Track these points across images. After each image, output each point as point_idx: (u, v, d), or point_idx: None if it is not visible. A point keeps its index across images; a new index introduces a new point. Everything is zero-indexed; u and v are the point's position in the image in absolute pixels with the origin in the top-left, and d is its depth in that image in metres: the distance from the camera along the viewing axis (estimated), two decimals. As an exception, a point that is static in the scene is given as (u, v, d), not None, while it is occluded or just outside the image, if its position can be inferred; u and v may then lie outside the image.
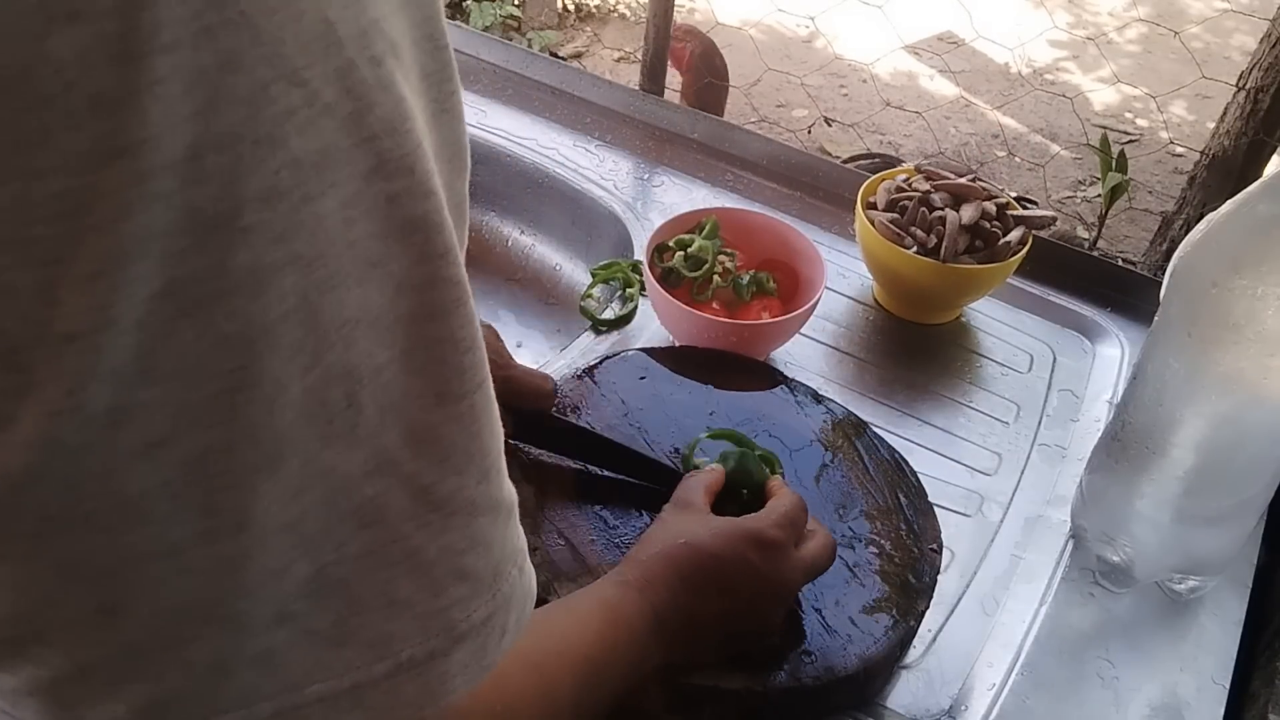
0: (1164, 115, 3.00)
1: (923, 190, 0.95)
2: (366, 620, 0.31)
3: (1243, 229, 0.63)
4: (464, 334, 0.31)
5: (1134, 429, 0.71)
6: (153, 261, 0.24)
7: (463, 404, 0.32)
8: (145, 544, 0.27)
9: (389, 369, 0.29)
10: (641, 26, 2.08)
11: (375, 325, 0.29)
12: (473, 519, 0.33)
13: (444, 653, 0.33)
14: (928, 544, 0.72)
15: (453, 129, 0.32)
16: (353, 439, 0.29)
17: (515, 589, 0.36)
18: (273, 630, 0.29)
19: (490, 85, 1.22)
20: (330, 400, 0.28)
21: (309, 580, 0.29)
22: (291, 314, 0.27)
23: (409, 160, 0.28)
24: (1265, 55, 1.80)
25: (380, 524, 0.30)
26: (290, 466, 0.28)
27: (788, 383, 0.83)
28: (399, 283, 0.29)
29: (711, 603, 0.59)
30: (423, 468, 0.31)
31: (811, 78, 2.91)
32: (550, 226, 1.13)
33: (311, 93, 0.26)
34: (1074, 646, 0.73)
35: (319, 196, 0.26)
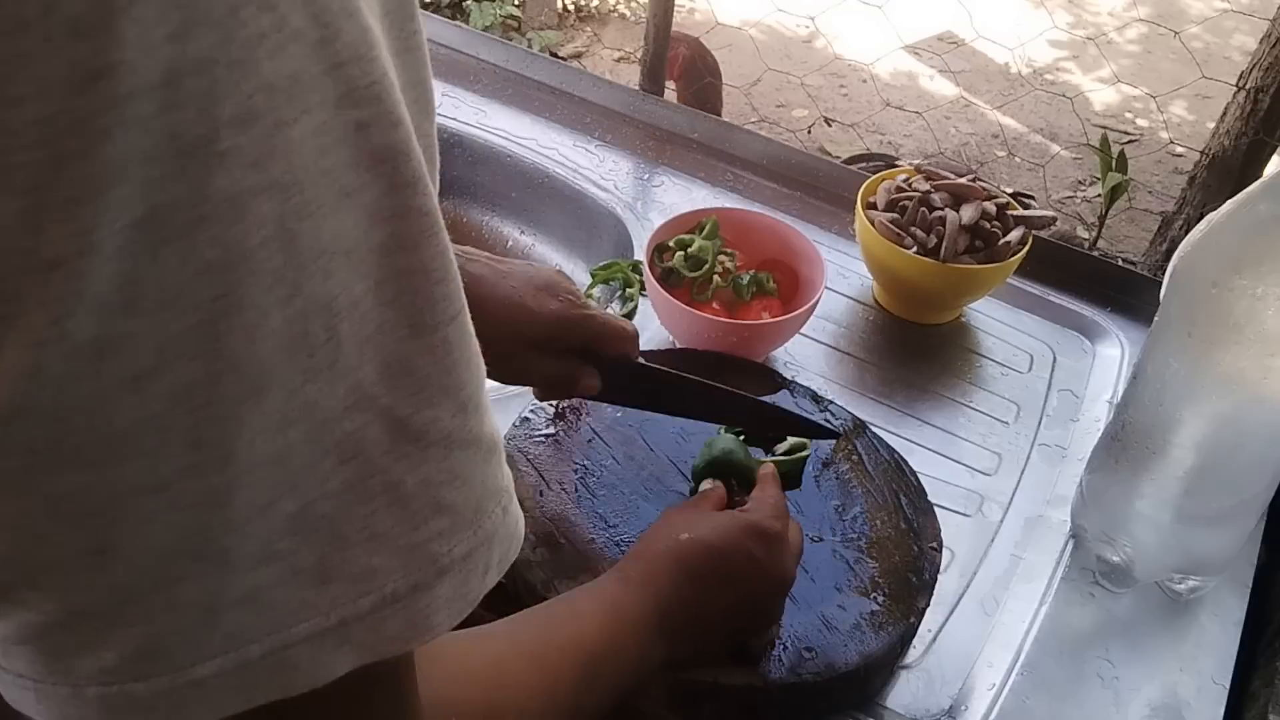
0: (1164, 115, 3.00)
1: (923, 190, 0.95)
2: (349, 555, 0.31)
3: (1243, 229, 0.63)
4: (436, 265, 0.31)
5: (1134, 429, 0.71)
6: (133, 187, 0.24)
7: (436, 335, 0.32)
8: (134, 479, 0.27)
9: (365, 301, 0.29)
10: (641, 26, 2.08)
11: (351, 256, 0.29)
12: (449, 451, 0.33)
13: (427, 586, 0.33)
14: (928, 542, 0.72)
15: (417, 69, 0.33)
16: (333, 373, 0.29)
17: (499, 527, 0.36)
18: (259, 568, 0.29)
19: (490, 85, 1.22)
20: (311, 332, 0.28)
21: (293, 517, 0.29)
22: (270, 240, 0.27)
23: (376, 89, 0.28)
24: (1265, 55, 1.80)
25: (360, 458, 0.30)
26: (274, 399, 0.28)
27: (787, 384, 0.83)
28: (371, 213, 0.29)
29: (715, 596, 0.59)
30: (398, 400, 0.31)
31: (811, 78, 2.91)
32: (550, 226, 1.13)
33: (280, 17, 0.26)
34: (1074, 646, 0.73)
35: (292, 122, 0.26)
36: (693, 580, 0.59)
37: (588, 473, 0.74)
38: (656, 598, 0.58)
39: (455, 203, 1.16)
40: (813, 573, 0.69)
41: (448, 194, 1.16)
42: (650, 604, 0.57)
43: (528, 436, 0.76)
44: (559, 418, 0.77)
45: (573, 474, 0.73)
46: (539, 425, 0.77)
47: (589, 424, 0.77)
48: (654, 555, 0.60)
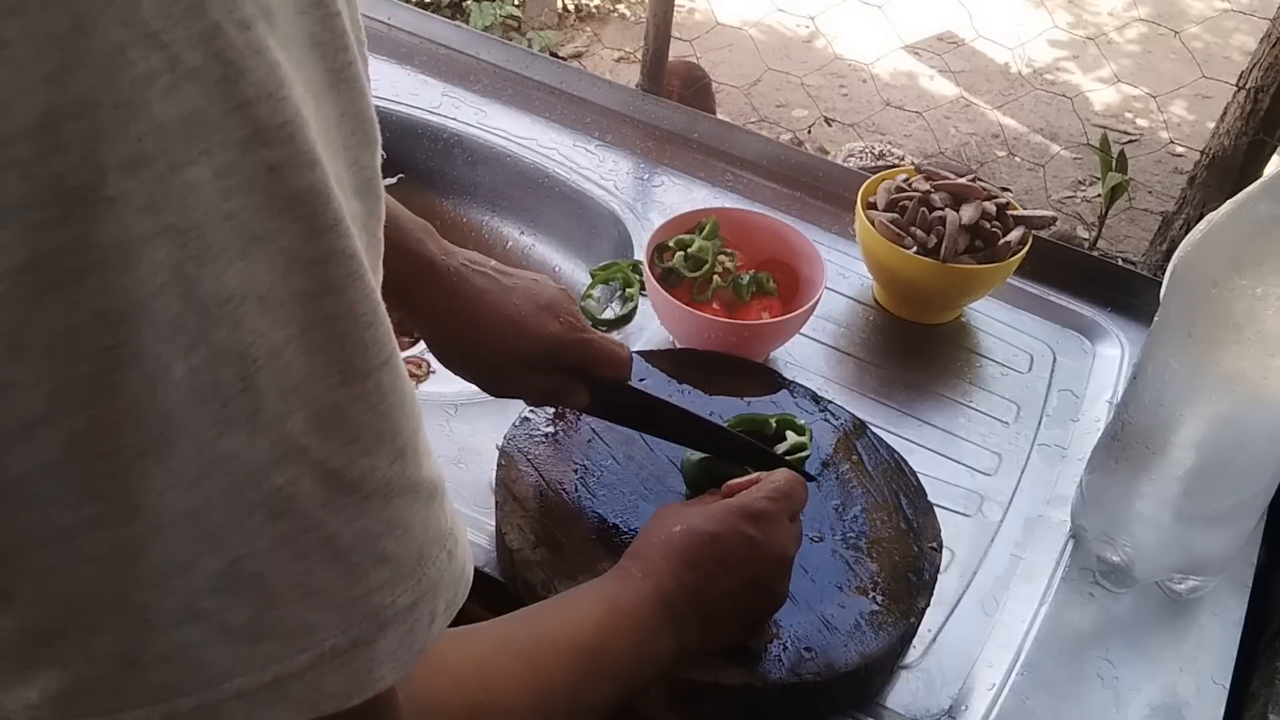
0: (1164, 115, 3.00)
1: (923, 190, 0.95)
2: (285, 613, 0.30)
3: (1243, 229, 0.63)
4: (363, 309, 0.30)
5: (1134, 429, 0.71)
6: (12, 234, 0.24)
7: (368, 382, 0.31)
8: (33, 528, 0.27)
9: (287, 349, 0.28)
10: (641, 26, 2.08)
11: (266, 302, 0.28)
12: (389, 501, 0.32)
13: (368, 641, 0.32)
14: (928, 542, 0.72)
15: (354, 100, 0.31)
16: (253, 425, 0.28)
17: (444, 573, 0.35)
18: (184, 626, 0.29)
19: (490, 85, 1.22)
20: (221, 382, 0.27)
21: (220, 574, 0.29)
22: (167, 288, 0.26)
23: (289, 129, 0.27)
24: (1265, 55, 1.80)
25: (292, 513, 0.30)
26: (184, 452, 0.27)
27: (788, 385, 0.83)
28: (289, 258, 0.28)
29: (717, 581, 0.59)
30: (332, 450, 0.30)
31: (811, 78, 2.91)
32: (550, 226, 1.13)
33: (172, 56, 0.25)
34: (1074, 646, 0.73)
35: (188, 164, 0.25)
36: (693, 568, 0.59)
37: (588, 473, 0.74)
38: (658, 589, 0.57)
39: (455, 203, 1.16)
40: (813, 573, 0.69)
41: (448, 194, 1.16)
42: (653, 596, 0.57)
43: (528, 436, 0.76)
44: (559, 418, 0.77)
45: (573, 474, 0.73)
46: (539, 425, 0.77)
47: (589, 424, 0.77)
48: (651, 550, 0.60)
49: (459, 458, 0.80)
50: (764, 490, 0.64)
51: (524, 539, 0.69)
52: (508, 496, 0.71)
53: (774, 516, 0.62)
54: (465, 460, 0.80)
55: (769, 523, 0.62)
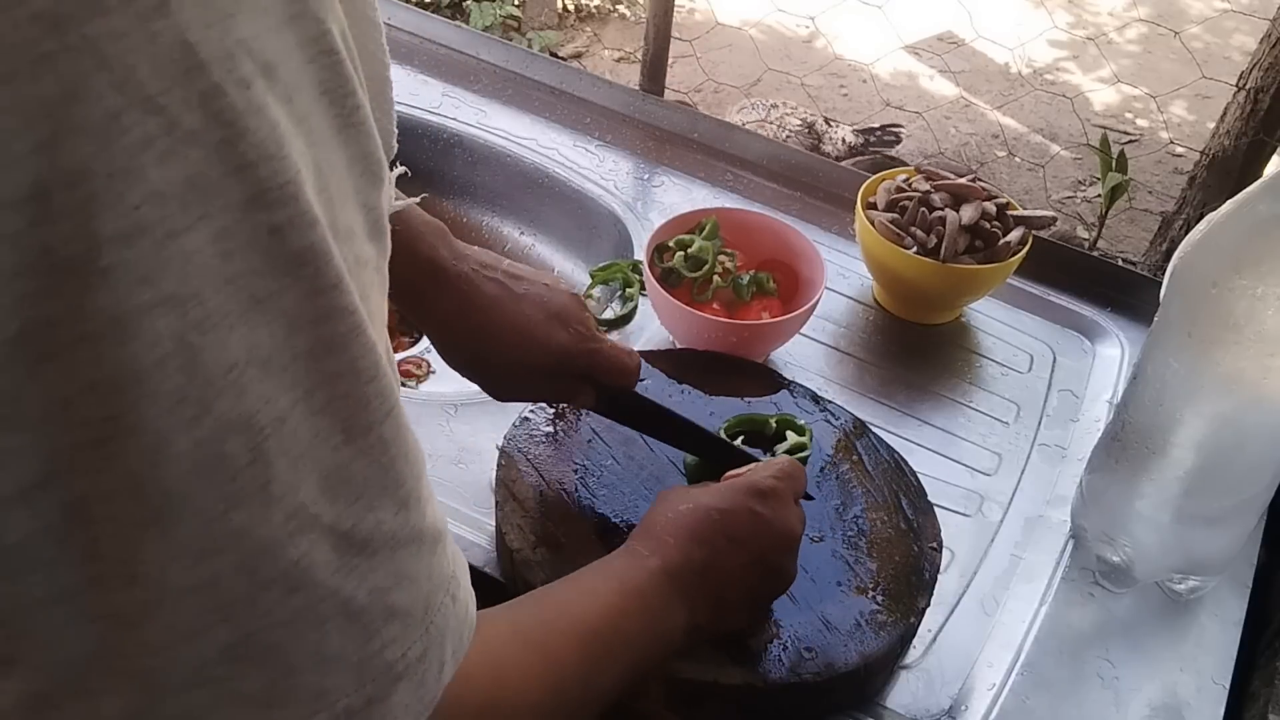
0: (1164, 115, 3.00)
1: (923, 190, 0.95)
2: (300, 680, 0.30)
3: (1243, 229, 0.63)
4: (365, 364, 0.30)
5: (1134, 429, 0.71)
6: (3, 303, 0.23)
7: (371, 436, 0.30)
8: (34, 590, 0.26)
9: (293, 414, 0.28)
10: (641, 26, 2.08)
11: (269, 367, 0.27)
12: (395, 553, 0.32)
13: (382, 697, 0.32)
14: (928, 542, 0.72)
15: (361, 143, 0.31)
16: (266, 497, 0.28)
17: (449, 619, 0.35)
18: (192, 691, 0.28)
19: (490, 85, 1.22)
20: (229, 455, 0.27)
21: (232, 646, 0.28)
22: (168, 359, 0.25)
23: (290, 189, 0.27)
24: (1265, 55, 1.80)
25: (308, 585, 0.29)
26: (190, 527, 0.27)
27: (788, 385, 0.83)
28: (291, 319, 0.27)
29: (725, 556, 0.59)
30: (341, 513, 0.30)
31: (811, 78, 2.91)
32: (550, 226, 1.12)
33: (170, 120, 0.24)
34: (1074, 646, 0.73)
35: (187, 231, 0.25)
36: (700, 544, 0.58)
37: (588, 473, 0.74)
38: (665, 564, 0.57)
39: (455, 203, 1.16)
40: (813, 573, 0.69)
41: (448, 194, 1.16)
42: (660, 573, 0.56)
43: (528, 436, 0.76)
44: (559, 418, 0.77)
45: (573, 474, 0.73)
46: (539, 425, 0.77)
47: (589, 424, 0.77)
48: (658, 528, 0.60)
49: (459, 458, 0.80)
50: (770, 470, 0.64)
51: (524, 539, 0.69)
52: (508, 496, 0.71)
53: (780, 494, 0.62)
54: (465, 460, 0.80)
55: (776, 500, 0.62)
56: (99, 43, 0.23)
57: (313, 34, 0.28)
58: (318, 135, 0.29)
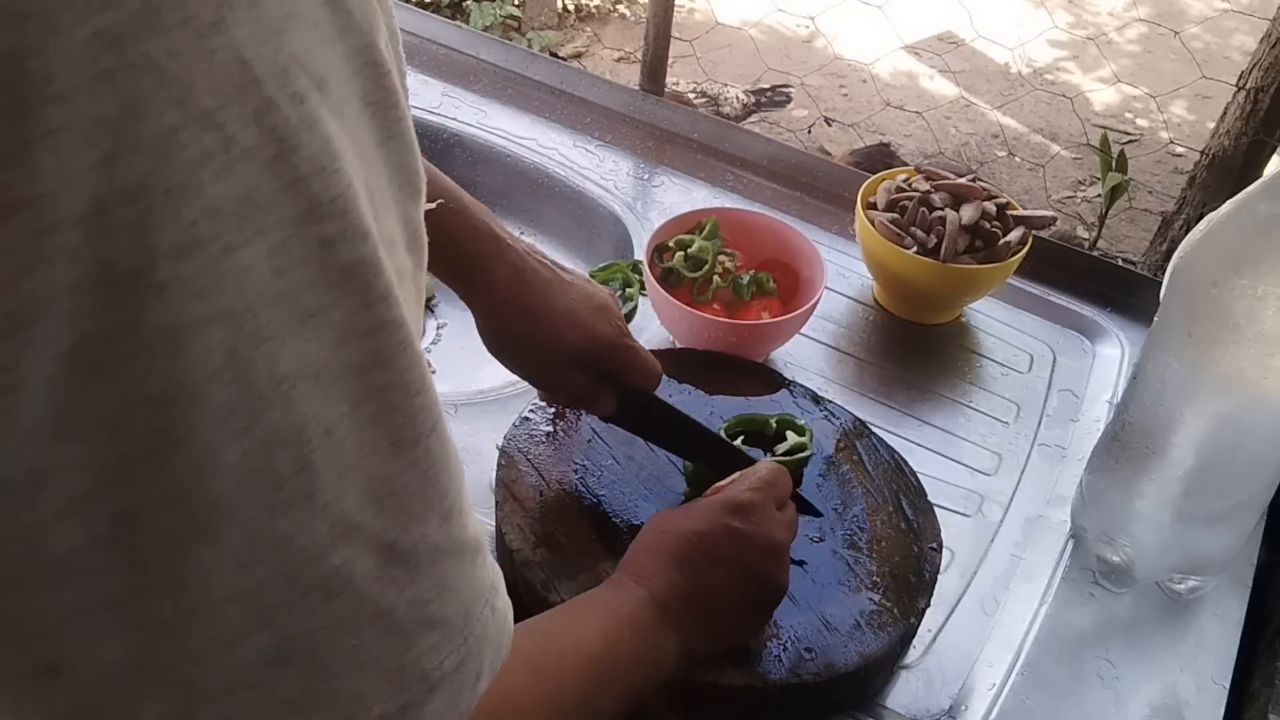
0: (1164, 115, 3.00)
1: (923, 190, 0.95)
2: (336, 685, 0.30)
3: (1243, 229, 0.63)
4: (412, 376, 0.30)
5: (1134, 429, 0.71)
6: (60, 319, 0.23)
7: (418, 450, 0.31)
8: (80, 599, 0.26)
9: (341, 426, 0.28)
10: (641, 26, 2.08)
11: (318, 380, 0.27)
12: (437, 564, 0.32)
13: (418, 704, 0.32)
14: (928, 542, 0.72)
15: (402, 156, 0.31)
16: (310, 506, 0.28)
17: (489, 629, 0.35)
18: (231, 697, 0.29)
19: (490, 85, 1.22)
20: (276, 465, 0.27)
21: (271, 651, 0.29)
22: (219, 372, 0.25)
23: (341, 202, 0.27)
24: (1265, 55, 1.80)
25: (348, 592, 0.29)
26: (234, 536, 0.27)
27: (788, 384, 0.83)
28: (342, 332, 0.28)
29: (710, 578, 0.59)
30: (386, 524, 0.30)
31: (811, 78, 2.91)
32: (550, 226, 1.12)
33: (227, 136, 0.24)
34: (1074, 646, 0.73)
35: (242, 246, 0.25)
36: (682, 567, 0.59)
37: (588, 473, 0.74)
38: (652, 593, 0.57)
39: (455, 203, 1.16)
40: (813, 573, 0.69)
41: (448, 194, 1.16)
42: (647, 600, 0.57)
43: (528, 436, 0.76)
44: (559, 417, 0.77)
45: (573, 474, 0.73)
46: (539, 425, 0.77)
47: (589, 424, 0.77)
48: (640, 557, 0.60)
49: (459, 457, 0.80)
50: (746, 482, 0.64)
51: (524, 539, 0.69)
52: (508, 496, 0.71)
53: (758, 506, 0.62)
54: (465, 460, 0.79)
55: (754, 513, 0.62)
56: (158, 60, 0.23)
57: (358, 46, 0.28)
58: (364, 148, 0.29)
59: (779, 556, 0.63)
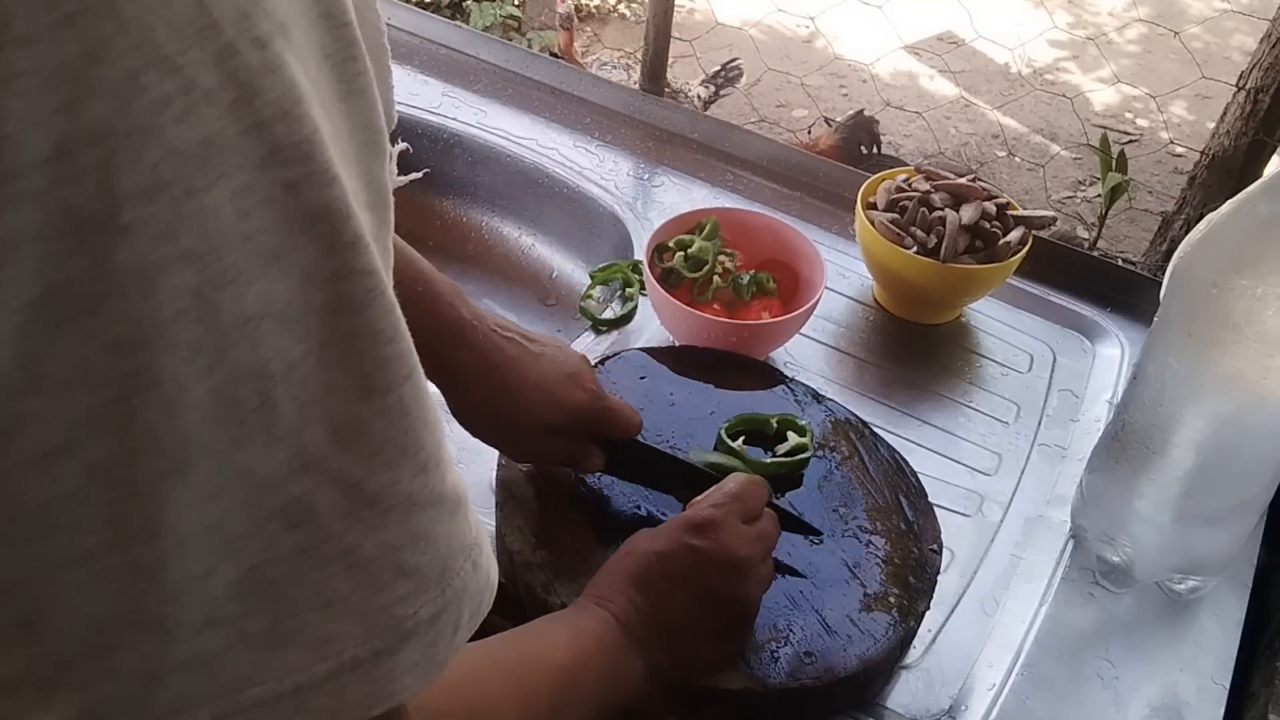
0: (1164, 115, 3.00)
1: (923, 190, 0.95)
2: (304, 621, 0.30)
3: (1243, 229, 0.63)
4: (383, 324, 0.30)
5: (1134, 429, 0.71)
6: (26, 266, 0.23)
7: (390, 397, 0.31)
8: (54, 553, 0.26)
9: (305, 363, 0.28)
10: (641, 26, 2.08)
11: (283, 319, 0.28)
12: (410, 514, 0.32)
13: (390, 651, 0.32)
14: (928, 544, 0.72)
15: (364, 111, 0.31)
16: (270, 438, 0.28)
17: (469, 584, 0.35)
18: (204, 634, 0.29)
19: (490, 85, 1.22)
20: (240, 400, 0.27)
21: (238, 582, 0.29)
22: (186, 313, 0.26)
23: (305, 147, 0.27)
24: (1265, 55, 1.80)
25: (309, 523, 0.30)
26: (202, 470, 0.27)
27: (788, 383, 0.83)
28: (307, 275, 0.28)
29: (671, 598, 0.60)
30: (351, 464, 0.30)
31: (811, 78, 2.91)
32: (550, 226, 1.12)
33: (188, 80, 0.25)
34: (1074, 646, 0.73)
35: (206, 189, 0.25)
36: (642, 589, 0.59)
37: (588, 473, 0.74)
38: (615, 614, 0.58)
39: (455, 203, 1.16)
40: (812, 575, 0.69)
41: (448, 194, 1.16)
42: (609, 620, 0.58)
43: (528, 437, 0.75)
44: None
45: (573, 474, 0.73)
46: (539, 425, 0.76)
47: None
48: (604, 578, 0.61)
49: (459, 458, 0.80)
50: (710, 498, 0.64)
51: (524, 540, 0.69)
52: (508, 497, 0.71)
53: (719, 522, 0.62)
54: (465, 460, 0.80)
55: (715, 530, 0.61)
56: (118, 4, 0.23)
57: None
58: (326, 101, 0.29)
59: (741, 572, 0.62)
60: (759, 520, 0.65)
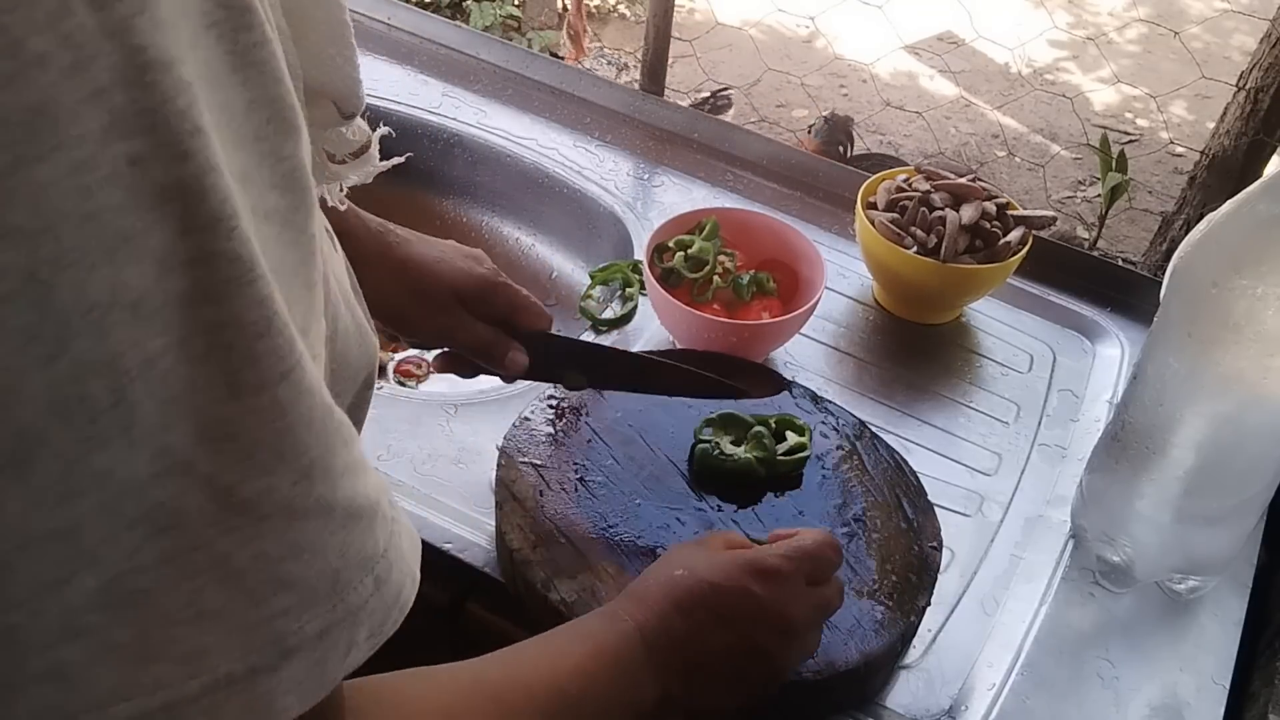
0: (1164, 115, 3.00)
1: (923, 190, 0.95)
2: (175, 634, 0.29)
3: (1243, 229, 0.63)
4: (252, 317, 0.28)
5: (1134, 429, 0.71)
6: None
7: (262, 396, 0.29)
8: None
9: (165, 358, 0.27)
10: (641, 26, 2.08)
11: (137, 309, 0.26)
12: (290, 523, 0.30)
13: (270, 668, 0.30)
14: (928, 541, 0.72)
15: (266, 86, 0.29)
16: (129, 440, 0.26)
17: (368, 601, 0.33)
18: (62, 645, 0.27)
19: (490, 85, 1.22)
20: (89, 396, 0.25)
21: (100, 591, 0.27)
22: (17, 295, 0.24)
23: (152, 117, 0.25)
24: (1265, 55, 1.80)
25: (177, 529, 0.28)
26: (47, 469, 0.25)
27: (788, 384, 0.83)
28: (160, 260, 0.26)
29: (710, 634, 0.56)
30: (222, 467, 0.28)
31: (811, 78, 2.91)
32: (550, 226, 1.12)
33: (13, 42, 0.23)
34: (1074, 646, 0.73)
35: (36, 161, 0.23)
36: (684, 615, 0.56)
37: (588, 472, 0.74)
38: (641, 631, 0.55)
39: (455, 203, 1.16)
40: (813, 573, 0.69)
41: (448, 194, 1.16)
42: (634, 639, 0.55)
43: (528, 436, 0.76)
44: (559, 417, 0.77)
45: (573, 474, 0.73)
46: (539, 425, 0.77)
47: (589, 424, 0.77)
48: (644, 590, 0.58)
49: (459, 458, 0.80)
50: (782, 547, 0.60)
51: (524, 539, 0.69)
52: (508, 496, 0.71)
53: (786, 576, 0.58)
54: (465, 460, 0.80)
55: (780, 582, 0.58)
56: None
57: None
58: (209, 71, 0.27)
59: (789, 635, 0.59)
60: (824, 586, 0.61)
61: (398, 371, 1.03)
